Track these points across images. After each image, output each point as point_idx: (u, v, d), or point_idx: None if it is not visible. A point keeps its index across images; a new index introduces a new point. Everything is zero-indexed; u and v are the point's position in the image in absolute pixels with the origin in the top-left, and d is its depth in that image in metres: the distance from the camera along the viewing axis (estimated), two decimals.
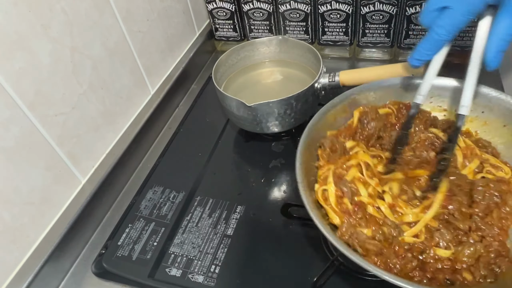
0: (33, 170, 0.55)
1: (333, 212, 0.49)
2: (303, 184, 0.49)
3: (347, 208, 0.50)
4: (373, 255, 0.45)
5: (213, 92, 0.74)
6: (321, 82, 0.69)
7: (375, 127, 0.58)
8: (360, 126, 0.59)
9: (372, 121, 0.59)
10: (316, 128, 0.56)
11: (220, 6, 0.91)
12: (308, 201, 0.47)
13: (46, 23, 0.55)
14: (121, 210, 0.67)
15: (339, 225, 0.48)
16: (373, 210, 0.50)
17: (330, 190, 0.51)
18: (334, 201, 0.50)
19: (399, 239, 0.47)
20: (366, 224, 0.48)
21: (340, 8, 0.82)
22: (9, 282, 0.53)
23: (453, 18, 0.43)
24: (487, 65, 0.45)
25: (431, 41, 0.47)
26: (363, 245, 0.46)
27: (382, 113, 0.60)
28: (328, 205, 0.50)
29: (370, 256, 0.45)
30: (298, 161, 0.51)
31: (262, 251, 0.58)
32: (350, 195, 0.50)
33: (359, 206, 0.50)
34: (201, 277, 0.56)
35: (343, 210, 0.50)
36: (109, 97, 0.69)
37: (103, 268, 0.59)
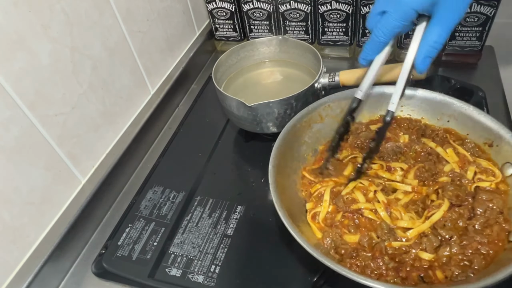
0: (33, 170, 0.55)
1: (318, 228, 0.53)
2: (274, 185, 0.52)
3: (334, 221, 0.53)
4: (348, 258, 0.48)
5: (213, 92, 0.74)
6: (321, 82, 0.69)
7: (366, 136, 0.62)
8: (353, 137, 0.63)
9: (364, 132, 0.63)
10: (290, 135, 0.59)
11: (220, 6, 0.91)
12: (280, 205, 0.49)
13: (46, 23, 0.55)
14: (121, 210, 0.67)
15: (320, 239, 0.51)
16: (369, 213, 0.52)
17: (323, 210, 0.54)
18: (322, 218, 0.53)
19: (385, 244, 0.49)
20: (355, 230, 0.51)
21: (340, 8, 0.82)
22: (9, 282, 0.53)
23: (389, 22, 0.47)
24: (416, 68, 0.49)
25: (372, 42, 0.50)
26: (338, 251, 0.49)
27: (373, 129, 0.63)
28: (316, 223, 0.53)
29: (344, 260, 0.48)
30: (271, 163, 0.54)
31: (262, 251, 0.58)
32: (345, 209, 0.53)
33: (352, 214, 0.53)
34: (201, 277, 0.56)
35: (328, 224, 0.53)
36: (109, 97, 0.69)
37: (103, 268, 0.59)
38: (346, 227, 0.52)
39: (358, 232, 0.51)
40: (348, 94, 0.63)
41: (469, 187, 0.52)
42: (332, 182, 0.57)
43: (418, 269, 0.47)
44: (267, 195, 0.66)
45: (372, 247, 0.49)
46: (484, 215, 0.49)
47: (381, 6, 0.48)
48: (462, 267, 0.45)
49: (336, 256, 0.49)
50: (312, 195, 0.57)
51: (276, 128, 0.69)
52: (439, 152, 0.57)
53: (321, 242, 0.51)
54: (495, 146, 0.55)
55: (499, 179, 0.52)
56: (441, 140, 0.59)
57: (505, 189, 0.52)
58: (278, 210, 0.49)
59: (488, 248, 0.46)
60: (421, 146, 0.58)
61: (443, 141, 0.59)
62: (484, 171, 0.53)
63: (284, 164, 0.57)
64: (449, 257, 0.47)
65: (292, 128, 0.60)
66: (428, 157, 0.57)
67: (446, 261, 0.46)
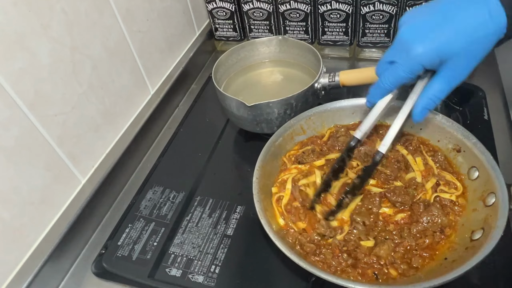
0: (33, 170, 0.55)
1: (280, 214, 0.57)
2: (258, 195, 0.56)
3: (292, 208, 0.57)
4: (312, 255, 0.52)
5: (213, 92, 0.74)
6: (321, 82, 0.69)
7: (344, 141, 0.64)
8: (331, 140, 0.65)
9: (343, 136, 0.65)
10: (275, 145, 0.63)
11: (220, 6, 0.91)
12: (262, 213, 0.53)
13: (46, 23, 0.55)
14: (121, 210, 0.67)
15: (283, 226, 0.56)
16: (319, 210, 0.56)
17: (285, 197, 0.58)
18: (285, 202, 0.57)
19: (336, 238, 0.53)
20: (306, 219, 0.56)
21: (340, 8, 0.82)
22: (9, 282, 0.53)
23: (396, 72, 0.49)
24: (413, 117, 0.52)
25: (378, 87, 0.53)
26: (303, 248, 0.52)
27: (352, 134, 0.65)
28: (278, 206, 0.58)
29: (310, 257, 0.51)
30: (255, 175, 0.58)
31: (262, 251, 0.58)
32: (301, 200, 0.57)
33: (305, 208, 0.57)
34: (201, 277, 0.56)
35: (288, 210, 0.57)
36: (109, 97, 0.69)
37: (103, 268, 0.59)
38: (298, 215, 0.56)
39: (307, 221, 0.55)
40: (327, 107, 0.67)
41: (426, 196, 0.56)
42: (296, 170, 0.61)
43: (371, 266, 0.50)
44: None
45: (329, 244, 0.53)
46: (423, 224, 0.53)
47: (391, 56, 0.50)
48: (408, 264, 0.50)
49: (302, 252, 0.52)
50: (277, 181, 0.61)
51: (276, 128, 0.69)
52: (409, 160, 0.60)
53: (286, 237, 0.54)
54: (463, 152, 0.59)
55: (459, 193, 0.56)
56: (413, 149, 0.62)
57: (463, 203, 0.55)
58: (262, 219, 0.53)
59: (421, 252, 0.51)
60: (393, 153, 0.61)
61: (416, 150, 0.62)
62: (447, 184, 0.57)
63: (268, 173, 0.61)
64: (390, 255, 0.50)
65: (275, 142, 0.63)
66: (396, 164, 0.60)
67: (392, 260, 0.50)
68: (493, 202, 0.50)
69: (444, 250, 0.51)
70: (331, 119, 0.67)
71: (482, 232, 0.49)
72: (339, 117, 0.67)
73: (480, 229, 0.49)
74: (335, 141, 0.65)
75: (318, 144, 0.66)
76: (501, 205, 0.49)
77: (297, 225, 0.56)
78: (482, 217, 0.51)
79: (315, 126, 0.67)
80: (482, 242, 0.47)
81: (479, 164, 0.55)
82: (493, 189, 0.51)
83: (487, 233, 0.47)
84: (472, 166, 0.57)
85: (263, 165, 0.59)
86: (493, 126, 0.69)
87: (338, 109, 0.67)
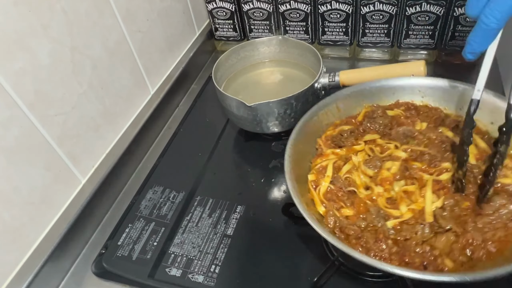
0: (33, 170, 0.55)
1: (319, 200, 0.52)
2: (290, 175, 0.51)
3: (332, 196, 0.52)
4: (353, 239, 0.47)
5: (213, 92, 0.74)
6: (321, 82, 0.69)
7: (382, 123, 0.60)
8: (367, 121, 0.60)
9: (381, 117, 0.60)
10: (309, 124, 0.59)
11: (220, 6, 0.91)
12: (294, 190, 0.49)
13: (46, 23, 0.55)
14: (121, 210, 0.67)
15: (324, 213, 0.51)
16: (364, 196, 0.52)
17: (324, 184, 0.53)
18: (323, 191, 0.53)
19: (386, 226, 0.48)
20: (352, 206, 0.51)
21: (340, 8, 0.82)
22: (9, 282, 0.53)
23: (504, 2, 0.39)
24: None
25: (481, 31, 0.43)
26: (344, 230, 0.48)
27: (390, 114, 0.62)
28: (316, 192, 0.53)
29: (350, 241, 0.47)
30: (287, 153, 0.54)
31: (262, 251, 0.58)
32: (344, 189, 0.53)
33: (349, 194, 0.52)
34: (201, 277, 0.56)
35: (328, 198, 0.52)
36: (109, 97, 0.69)
37: (103, 268, 0.59)
38: (343, 201, 0.52)
39: (353, 208, 0.51)
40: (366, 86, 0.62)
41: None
42: (334, 156, 0.57)
43: (422, 256, 0.45)
44: (267, 195, 0.66)
45: (375, 230, 0.48)
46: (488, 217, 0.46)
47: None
48: (468, 257, 0.44)
49: (341, 235, 0.48)
50: (314, 167, 0.57)
51: (276, 128, 0.69)
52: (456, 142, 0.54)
53: (325, 221, 0.50)
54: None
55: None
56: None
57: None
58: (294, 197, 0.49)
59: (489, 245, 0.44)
60: (436, 134, 0.56)
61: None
62: (510, 169, 0.50)
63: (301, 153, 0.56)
64: (449, 247, 0.45)
65: (308, 121, 0.59)
66: (442, 145, 0.54)
67: (450, 251, 0.45)
68: None
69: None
70: (370, 99, 0.63)
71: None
72: (379, 97, 0.63)
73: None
74: (372, 122, 0.60)
75: (353, 123, 0.62)
76: None
77: (341, 212, 0.51)
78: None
79: (351, 107, 0.63)
80: None
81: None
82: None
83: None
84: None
85: (295, 143, 0.55)
86: None
87: (379, 88, 0.63)
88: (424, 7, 0.77)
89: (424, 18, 0.78)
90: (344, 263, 0.54)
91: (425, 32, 0.81)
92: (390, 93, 0.63)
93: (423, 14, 0.78)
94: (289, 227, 0.60)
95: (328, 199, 0.52)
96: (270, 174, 0.69)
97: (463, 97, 0.59)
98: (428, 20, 0.79)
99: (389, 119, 0.61)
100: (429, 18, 0.78)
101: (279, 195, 0.65)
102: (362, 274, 0.53)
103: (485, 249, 0.44)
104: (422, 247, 0.45)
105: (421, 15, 0.78)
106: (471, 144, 0.51)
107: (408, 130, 0.57)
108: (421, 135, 0.58)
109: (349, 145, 0.58)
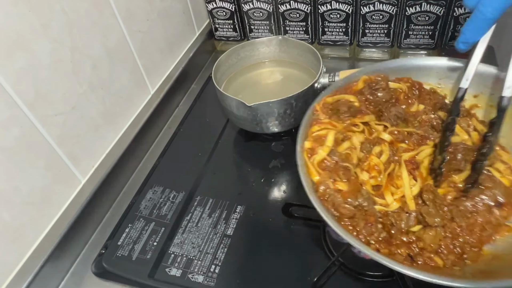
0: (33, 170, 0.55)
1: (314, 169, 0.49)
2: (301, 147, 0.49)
3: (327, 166, 0.49)
4: (346, 218, 0.45)
5: (213, 92, 0.74)
6: (321, 82, 0.69)
7: (383, 97, 0.56)
8: (368, 92, 0.57)
9: (383, 91, 0.56)
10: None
11: (220, 6, 0.91)
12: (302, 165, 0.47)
13: (46, 23, 0.55)
14: (121, 210, 0.67)
15: (318, 181, 0.48)
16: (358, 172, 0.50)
17: (321, 153, 0.50)
18: (319, 160, 0.50)
19: (373, 208, 0.47)
20: (346, 182, 0.48)
21: (340, 8, 0.82)
22: (9, 282, 0.53)
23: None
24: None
25: (477, 21, 0.43)
26: (337, 208, 0.46)
27: (392, 87, 0.58)
28: (311, 162, 0.50)
29: (343, 219, 0.45)
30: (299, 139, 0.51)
31: (262, 251, 0.58)
32: (340, 161, 0.50)
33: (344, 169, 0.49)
34: (201, 277, 0.56)
35: (322, 168, 0.49)
36: (109, 97, 0.69)
37: (103, 268, 0.59)
38: (338, 175, 0.49)
39: (348, 184, 0.48)
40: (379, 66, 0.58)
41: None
42: (331, 126, 0.54)
43: (408, 247, 0.44)
44: (267, 195, 0.66)
45: (365, 210, 0.46)
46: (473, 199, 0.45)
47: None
48: (456, 255, 0.43)
49: (335, 213, 0.46)
50: (310, 134, 0.53)
51: (276, 128, 0.69)
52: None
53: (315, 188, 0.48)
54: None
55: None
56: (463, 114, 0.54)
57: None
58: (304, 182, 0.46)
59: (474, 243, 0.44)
60: (429, 117, 0.54)
61: (467, 114, 0.54)
62: (503, 163, 0.49)
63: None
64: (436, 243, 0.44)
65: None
66: (431, 127, 0.53)
67: (438, 248, 0.44)
68: None
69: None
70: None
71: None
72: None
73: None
74: (372, 94, 0.57)
75: (351, 92, 0.57)
76: None
77: (335, 186, 0.48)
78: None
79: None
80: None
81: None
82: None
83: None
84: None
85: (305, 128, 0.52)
86: None
87: (395, 68, 0.58)
88: (424, 7, 0.77)
89: (424, 18, 0.79)
90: (344, 263, 0.54)
91: (425, 32, 0.81)
92: (405, 74, 0.59)
93: (423, 14, 0.78)
94: (289, 227, 0.60)
95: (323, 169, 0.49)
96: (270, 174, 0.69)
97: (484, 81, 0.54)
98: (428, 20, 0.79)
99: (390, 94, 0.57)
100: (429, 18, 0.78)
101: (279, 195, 0.65)
102: (362, 274, 0.53)
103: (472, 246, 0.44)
104: (408, 236, 0.44)
105: (421, 15, 0.78)
106: (454, 131, 0.50)
107: (399, 112, 0.54)
108: (412, 117, 0.55)
109: (347, 123, 0.55)
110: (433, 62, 0.58)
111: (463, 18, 0.76)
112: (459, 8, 0.75)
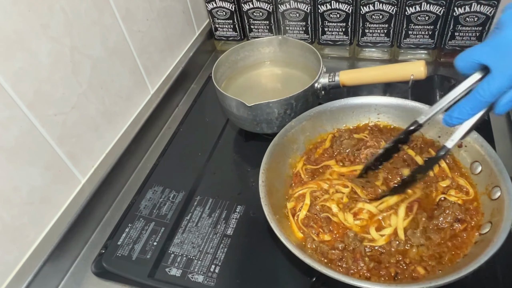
0: (32, 170, 0.55)
1: (297, 227, 0.55)
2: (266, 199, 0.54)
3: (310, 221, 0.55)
4: (337, 262, 0.50)
5: (213, 92, 0.74)
6: (321, 82, 0.69)
7: (347, 146, 0.64)
8: (336, 145, 0.64)
9: (347, 141, 0.64)
10: (278, 148, 0.62)
11: (220, 6, 0.91)
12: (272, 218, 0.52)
13: (45, 23, 0.55)
14: (121, 210, 0.67)
15: (301, 239, 0.54)
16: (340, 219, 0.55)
17: (302, 211, 0.56)
18: (301, 218, 0.55)
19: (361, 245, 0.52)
20: (329, 232, 0.54)
21: (340, 7, 0.82)
22: (9, 282, 0.53)
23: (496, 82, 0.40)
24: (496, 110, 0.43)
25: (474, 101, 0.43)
26: (326, 256, 0.51)
27: (356, 137, 0.65)
28: (295, 220, 0.56)
29: (335, 264, 0.50)
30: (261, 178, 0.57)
31: (262, 251, 0.58)
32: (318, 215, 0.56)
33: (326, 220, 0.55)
34: (201, 276, 0.56)
35: (305, 224, 0.55)
36: (108, 97, 0.69)
37: (103, 268, 0.59)
38: (321, 227, 0.54)
39: (331, 233, 0.54)
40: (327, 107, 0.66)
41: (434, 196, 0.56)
42: (315, 185, 0.59)
43: (396, 266, 0.49)
44: None
45: (352, 249, 0.51)
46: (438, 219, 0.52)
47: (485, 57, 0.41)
48: (437, 260, 0.49)
49: (324, 259, 0.51)
50: (293, 196, 0.59)
51: (276, 128, 0.69)
52: (417, 161, 0.59)
53: (304, 244, 0.53)
54: (464, 147, 0.58)
55: (471, 197, 0.55)
56: (419, 150, 0.61)
57: (477, 205, 0.54)
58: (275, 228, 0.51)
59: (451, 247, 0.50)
60: (400, 153, 0.58)
61: (422, 151, 0.61)
62: (459, 188, 0.56)
63: (275, 176, 0.60)
64: (419, 256, 0.50)
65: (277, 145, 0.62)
66: (404, 163, 0.59)
67: (420, 259, 0.50)
68: (499, 196, 0.50)
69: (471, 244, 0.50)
70: (332, 119, 0.67)
71: (490, 226, 0.49)
72: (338, 116, 0.67)
73: (487, 222, 0.50)
74: (340, 145, 0.64)
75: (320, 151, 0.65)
76: (507, 198, 0.49)
77: (320, 238, 0.54)
78: (489, 212, 0.51)
79: (317, 125, 0.66)
80: (491, 236, 0.47)
81: (481, 158, 0.55)
82: (497, 183, 0.51)
83: (495, 227, 0.48)
84: (474, 161, 0.57)
85: (268, 168, 0.58)
86: (493, 127, 0.69)
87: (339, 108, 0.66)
88: (424, 7, 0.77)
89: (424, 18, 0.79)
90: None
91: (425, 32, 0.81)
92: (349, 112, 0.67)
93: (423, 14, 0.78)
94: None
95: (306, 225, 0.55)
96: None
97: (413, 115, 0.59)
98: (428, 20, 0.79)
99: (355, 140, 0.64)
100: (429, 18, 0.78)
101: None
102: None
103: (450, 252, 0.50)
104: (395, 257, 0.50)
105: (421, 15, 0.78)
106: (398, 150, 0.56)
107: (371, 153, 0.61)
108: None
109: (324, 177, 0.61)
110: (371, 100, 0.66)
111: (463, 18, 0.76)
112: (459, 8, 0.75)
